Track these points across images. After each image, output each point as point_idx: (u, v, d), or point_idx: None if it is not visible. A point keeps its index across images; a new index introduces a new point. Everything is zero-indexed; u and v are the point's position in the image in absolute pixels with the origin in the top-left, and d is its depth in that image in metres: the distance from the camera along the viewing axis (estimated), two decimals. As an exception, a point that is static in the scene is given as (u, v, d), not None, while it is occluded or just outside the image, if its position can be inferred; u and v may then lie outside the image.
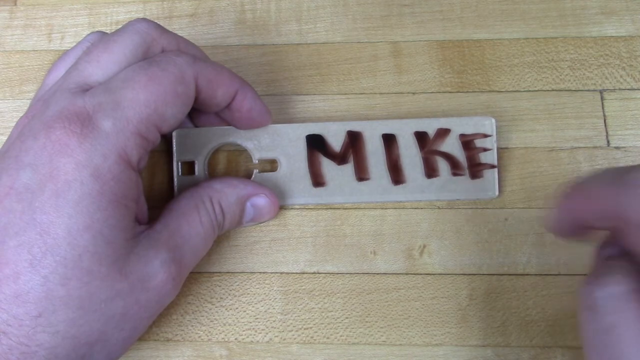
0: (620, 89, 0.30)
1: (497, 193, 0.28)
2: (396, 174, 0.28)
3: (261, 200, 0.27)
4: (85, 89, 0.22)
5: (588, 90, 0.30)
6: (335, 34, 0.33)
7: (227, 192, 0.26)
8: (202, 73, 0.24)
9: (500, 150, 0.29)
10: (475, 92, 0.30)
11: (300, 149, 0.28)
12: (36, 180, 0.20)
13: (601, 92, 0.30)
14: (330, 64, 0.32)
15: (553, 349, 0.26)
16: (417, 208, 0.29)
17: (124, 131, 0.21)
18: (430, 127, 0.28)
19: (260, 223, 0.28)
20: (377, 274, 0.28)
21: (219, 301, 0.28)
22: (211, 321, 0.27)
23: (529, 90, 0.30)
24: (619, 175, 0.16)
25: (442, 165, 0.28)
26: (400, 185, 0.28)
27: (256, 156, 0.28)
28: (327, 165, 0.28)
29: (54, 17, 0.34)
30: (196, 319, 0.27)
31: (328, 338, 0.27)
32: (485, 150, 0.28)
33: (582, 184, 0.18)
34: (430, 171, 0.28)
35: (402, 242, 0.28)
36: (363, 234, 0.29)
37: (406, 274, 0.28)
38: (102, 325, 0.21)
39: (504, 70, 0.31)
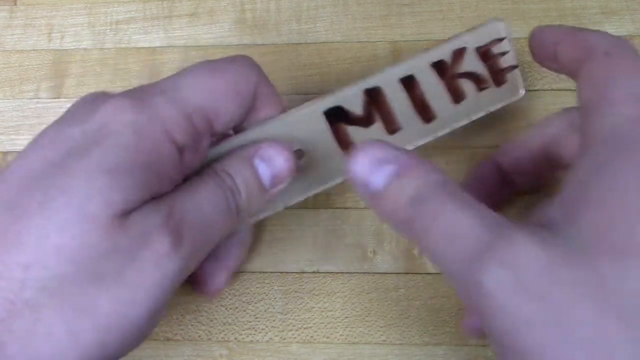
0: (620, 89, 0.30)
1: (523, 92, 0.27)
2: (426, 113, 0.26)
3: (269, 151, 0.23)
4: None
5: (588, 90, 0.30)
6: (335, 34, 0.33)
7: (228, 157, 0.23)
8: (262, 85, 0.23)
9: (500, 149, 0.29)
10: (475, 91, 0.31)
11: (322, 128, 0.25)
12: (83, 131, 0.20)
13: (601, 91, 0.30)
14: (330, 63, 0.32)
15: (553, 348, 0.26)
16: (417, 208, 0.29)
17: (177, 108, 0.21)
18: (445, 53, 0.26)
19: (285, 184, 0.24)
20: (377, 273, 0.28)
21: (219, 301, 0.28)
22: (211, 321, 0.27)
23: (529, 90, 0.30)
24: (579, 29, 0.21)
25: (467, 86, 0.26)
26: (432, 122, 0.26)
27: None
28: (354, 133, 0.26)
29: (53, 16, 0.34)
30: (196, 318, 0.27)
31: (328, 338, 0.27)
32: (503, 54, 0.26)
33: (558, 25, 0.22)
34: (457, 96, 0.26)
35: (402, 242, 0.28)
36: (363, 234, 0.29)
37: (406, 273, 0.28)
38: (96, 288, 0.19)
39: (504, 70, 0.31)
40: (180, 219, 0.20)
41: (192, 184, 0.22)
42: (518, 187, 0.27)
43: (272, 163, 0.23)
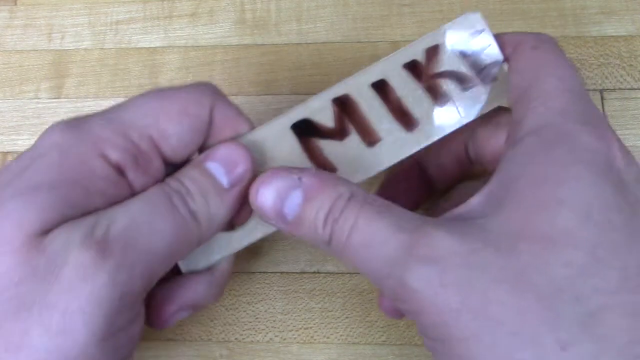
0: (620, 89, 0.30)
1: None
2: (406, 120, 0.24)
3: (220, 150, 0.22)
4: None
5: (588, 90, 0.30)
6: (335, 34, 0.33)
7: (180, 171, 0.22)
8: (220, 106, 0.22)
9: (500, 150, 0.29)
10: (475, 92, 0.30)
11: (292, 144, 0.23)
12: (19, 160, 0.20)
13: (601, 91, 0.30)
14: (330, 64, 0.32)
15: (553, 348, 0.26)
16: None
17: (112, 129, 0.20)
18: (416, 52, 0.24)
19: (245, 181, 0.22)
20: (377, 273, 0.28)
21: (219, 301, 0.28)
22: (211, 321, 0.27)
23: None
24: None
25: (449, 86, 0.24)
26: (417, 129, 0.23)
27: None
28: (329, 148, 0.24)
29: (54, 17, 0.34)
30: (196, 318, 0.27)
31: (328, 338, 0.27)
32: (484, 49, 0.24)
33: None
34: (439, 98, 0.24)
35: (402, 242, 0.28)
36: (363, 234, 0.28)
37: (406, 273, 0.28)
38: (25, 319, 0.17)
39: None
40: (106, 230, 0.19)
41: (134, 197, 0.21)
42: (437, 185, 0.27)
43: (227, 162, 0.22)
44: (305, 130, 0.24)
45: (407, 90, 0.24)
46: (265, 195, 0.20)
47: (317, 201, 0.20)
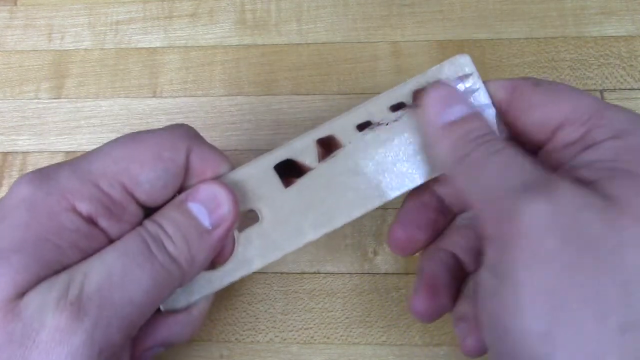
0: (620, 89, 0.30)
1: (502, 134, 0.23)
2: None
3: (202, 190, 0.22)
4: None
5: (588, 90, 0.30)
6: (335, 34, 0.33)
7: (159, 212, 0.22)
8: (197, 149, 0.22)
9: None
10: (475, 92, 0.31)
11: (275, 184, 0.23)
12: None
13: (601, 91, 0.30)
14: (330, 64, 0.32)
15: (553, 348, 0.26)
16: (417, 208, 0.29)
17: (80, 178, 0.20)
18: (404, 95, 0.23)
19: (229, 222, 0.22)
20: (377, 274, 0.28)
21: (219, 301, 0.28)
22: (211, 321, 0.27)
23: (529, 90, 0.30)
24: None
25: None
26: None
27: None
28: None
29: (54, 17, 0.34)
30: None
31: (328, 338, 0.27)
32: (473, 92, 0.23)
33: None
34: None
35: (402, 242, 0.28)
36: (363, 234, 0.29)
37: (406, 274, 0.28)
38: None
39: (504, 70, 0.31)
40: (80, 289, 0.19)
41: (109, 246, 0.20)
42: (455, 213, 0.26)
43: (209, 202, 0.22)
44: (288, 170, 0.23)
45: None
46: (438, 93, 0.22)
47: (477, 121, 0.21)
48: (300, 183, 0.23)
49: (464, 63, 0.23)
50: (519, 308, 0.17)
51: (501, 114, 0.23)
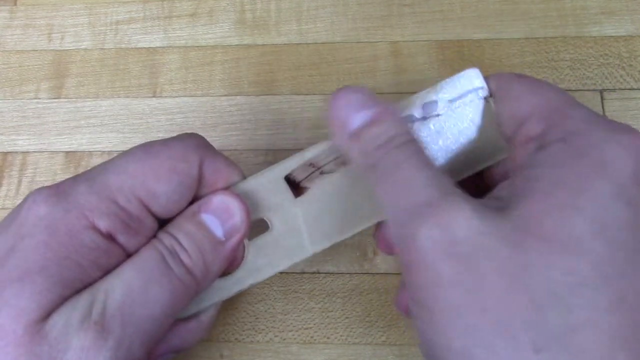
0: (620, 89, 0.30)
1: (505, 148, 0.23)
2: None
3: (215, 201, 0.22)
4: None
5: (588, 90, 0.30)
6: (335, 34, 0.33)
7: (176, 218, 0.22)
8: (209, 160, 0.22)
9: (500, 150, 0.29)
10: (475, 92, 0.31)
11: (286, 194, 0.23)
12: (5, 239, 0.20)
13: (601, 91, 0.30)
14: (330, 64, 0.32)
15: (553, 348, 0.26)
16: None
17: (98, 194, 0.20)
18: (412, 108, 0.23)
19: (242, 233, 0.22)
20: (377, 274, 0.28)
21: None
22: (211, 321, 0.27)
23: (529, 90, 0.30)
24: None
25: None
26: None
27: None
28: None
29: (54, 17, 0.34)
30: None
31: (328, 338, 0.27)
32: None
33: None
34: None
35: (402, 242, 0.28)
36: (363, 234, 0.28)
37: (406, 274, 0.28)
38: None
39: (504, 70, 0.31)
40: (103, 308, 0.19)
41: (126, 262, 0.20)
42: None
43: (222, 213, 0.22)
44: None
45: None
46: (341, 101, 0.21)
47: (382, 126, 0.20)
48: (311, 194, 0.23)
49: (473, 76, 0.23)
50: (436, 328, 0.17)
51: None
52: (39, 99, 0.32)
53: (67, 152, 0.31)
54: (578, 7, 0.32)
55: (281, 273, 0.28)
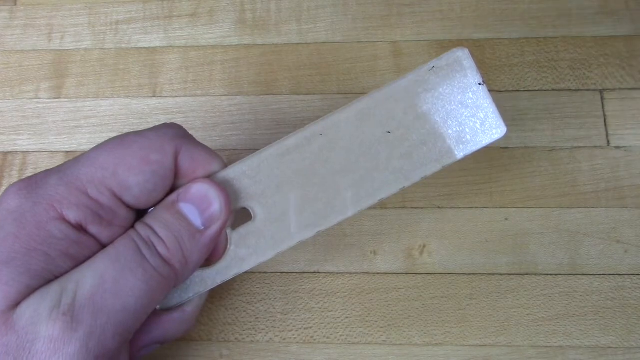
0: (620, 89, 0.30)
1: (505, 128, 0.22)
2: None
3: (193, 190, 0.22)
4: None
5: (588, 90, 0.30)
6: (335, 34, 0.33)
7: (153, 209, 0.22)
8: (187, 149, 0.22)
9: (501, 149, 0.29)
10: (475, 92, 0.31)
11: (268, 182, 0.23)
12: None
13: (601, 91, 0.30)
14: (330, 63, 0.32)
15: (553, 348, 0.26)
16: (417, 208, 0.29)
17: (67, 185, 0.20)
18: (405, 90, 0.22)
19: (222, 221, 0.22)
20: (377, 274, 0.28)
21: (219, 301, 0.28)
22: (211, 321, 0.27)
23: (529, 90, 0.30)
24: None
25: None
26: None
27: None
28: None
29: (54, 17, 0.34)
30: (197, 318, 0.27)
31: (328, 338, 0.27)
32: (470, 88, 0.22)
33: None
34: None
35: (402, 242, 0.28)
36: (363, 234, 0.29)
37: (406, 273, 0.28)
38: None
39: (504, 70, 0.31)
40: (73, 298, 0.19)
41: (100, 252, 0.20)
42: None
43: (200, 201, 0.22)
44: None
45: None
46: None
47: None
48: (294, 181, 0.23)
49: (462, 56, 0.22)
50: None
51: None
52: (39, 99, 0.32)
53: (67, 152, 0.31)
54: (578, 7, 0.32)
55: (281, 273, 0.28)
